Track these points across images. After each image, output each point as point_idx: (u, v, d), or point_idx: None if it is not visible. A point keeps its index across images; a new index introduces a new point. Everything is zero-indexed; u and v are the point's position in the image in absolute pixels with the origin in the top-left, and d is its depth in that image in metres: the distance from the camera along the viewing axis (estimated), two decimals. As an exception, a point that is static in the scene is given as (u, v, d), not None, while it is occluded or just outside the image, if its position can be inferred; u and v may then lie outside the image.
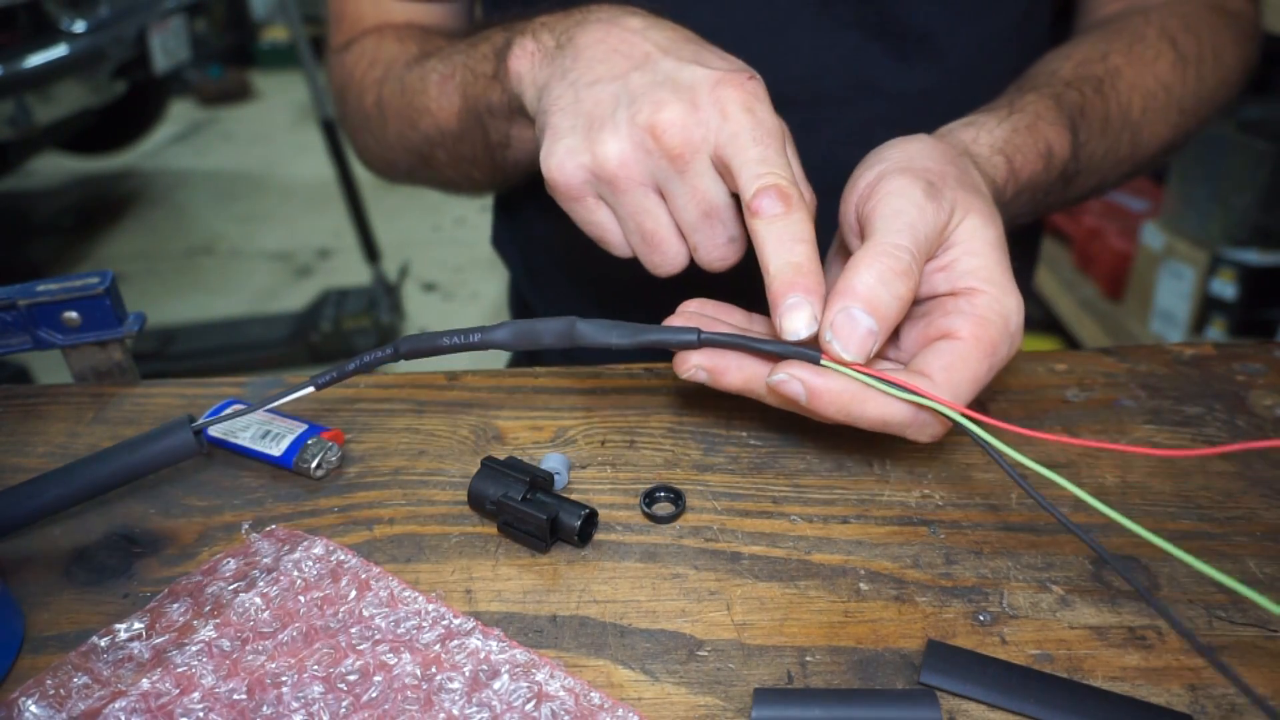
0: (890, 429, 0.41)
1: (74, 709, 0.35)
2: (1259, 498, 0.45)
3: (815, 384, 0.40)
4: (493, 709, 0.34)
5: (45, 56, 2.55)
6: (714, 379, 0.43)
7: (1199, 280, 1.86)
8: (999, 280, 0.42)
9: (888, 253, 0.40)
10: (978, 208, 0.43)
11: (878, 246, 0.40)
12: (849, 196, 0.45)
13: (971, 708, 0.35)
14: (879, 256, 0.40)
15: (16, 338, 0.55)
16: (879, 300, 0.39)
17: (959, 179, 0.44)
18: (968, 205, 0.43)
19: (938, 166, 0.44)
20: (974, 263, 0.42)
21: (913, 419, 0.41)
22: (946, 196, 0.42)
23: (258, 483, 0.48)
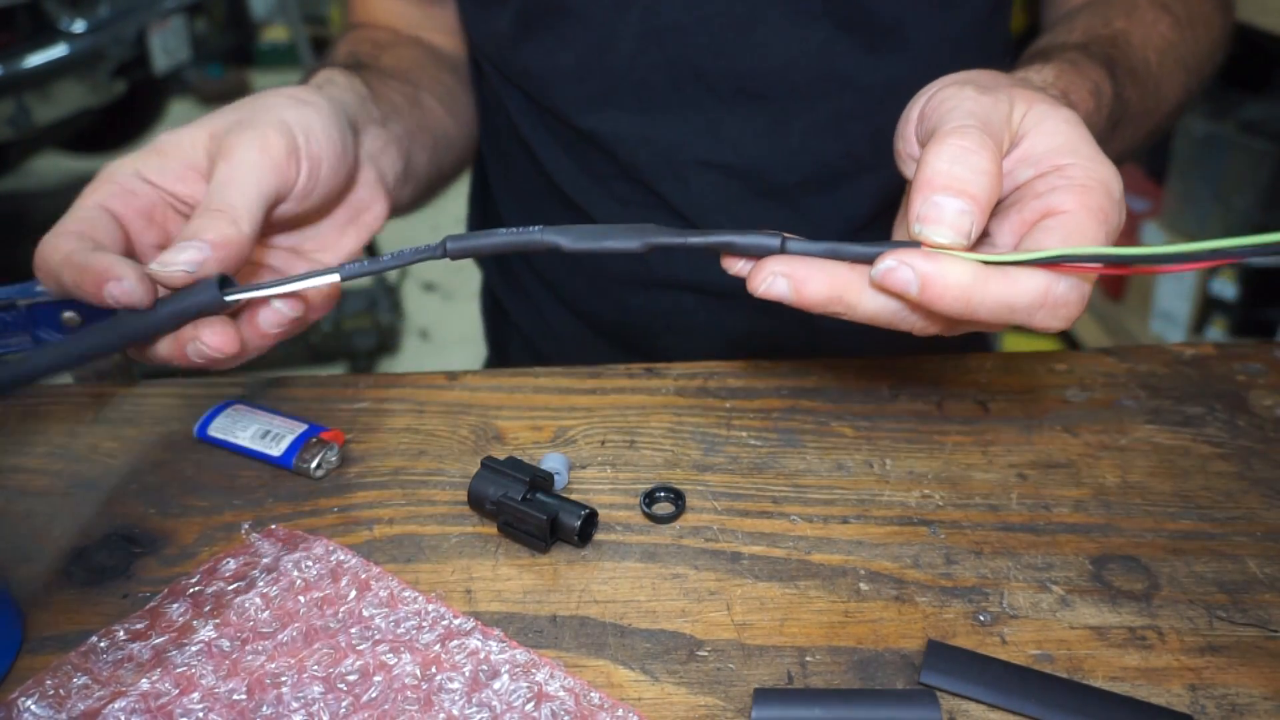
0: (1017, 316, 0.36)
1: (74, 709, 0.35)
2: (1259, 498, 0.45)
3: (928, 269, 0.35)
4: (493, 709, 0.34)
5: (45, 56, 2.55)
6: (795, 288, 0.38)
7: (1199, 280, 1.86)
8: (1085, 150, 0.38)
9: (953, 134, 0.37)
10: (1040, 98, 0.40)
11: (941, 135, 0.37)
12: (905, 132, 0.42)
13: (971, 708, 0.35)
14: (944, 142, 0.37)
15: (16, 338, 0.55)
16: (959, 178, 0.36)
17: (1013, 82, 0.42)
18: (1028, 97, 0.40)
19: (988, 78, 0.42)
20: (1054, 140, 0.39)
21: (1045, 297, 0.36)
22: (1003, 92, 0.39)
23: (258, 483, 0.48)
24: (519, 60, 0.65)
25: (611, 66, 0.62)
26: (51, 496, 0.47)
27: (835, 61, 0.62)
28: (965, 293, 0.36)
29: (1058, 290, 0.36)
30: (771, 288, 0.38)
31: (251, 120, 0.45)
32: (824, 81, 0.62)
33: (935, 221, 0.35)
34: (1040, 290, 0.36)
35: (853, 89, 0.63)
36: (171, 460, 0.49)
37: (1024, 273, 0.36)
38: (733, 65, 0.61)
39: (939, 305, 0.36)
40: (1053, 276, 0.36)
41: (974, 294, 0.36)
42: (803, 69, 0.61)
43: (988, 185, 0.36)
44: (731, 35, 0.61)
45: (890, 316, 0.39)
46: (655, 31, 0.61)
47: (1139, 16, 0.60)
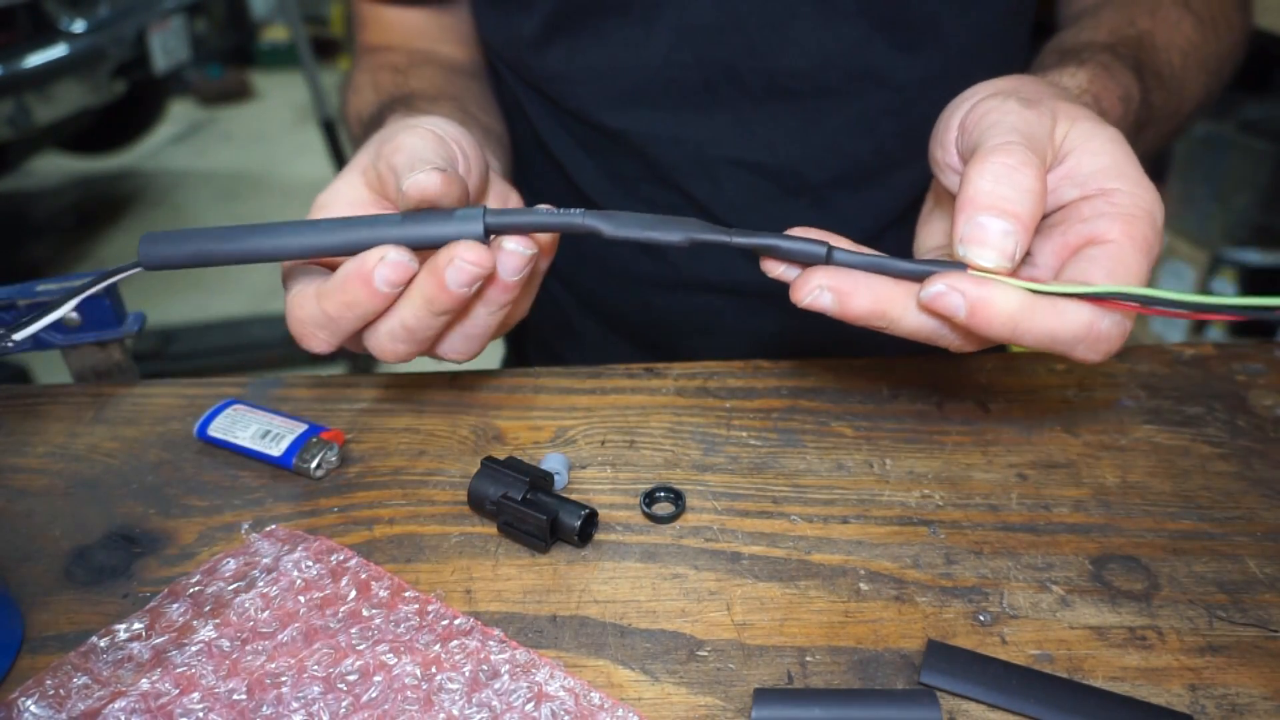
0: (1058, 346, 0.37)
1: (74, 709, 0.35)
2: (1259, 498, 0.45)
3: (976, 294, 0.35)
4: (493, 709, 0.34)
5: (45, 56, 2.55)
6: (839, 301, 0.38)
7: (1199, 280, 1.86)
8: (1131, 174, 0.38)
9: (997, 151, 0.37)
10: (1084, 114, 0.40)
11: (984, 153, 0.37)
12: (945, 138, 0.43)
13: (971, 708, 0.35)
14: (988, 160, 0.36)
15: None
16: (1004, 197, 0.36)
17: (1056, 95, 0.42)
18: (1072, 113, 0.40)
19: (1030, 88, 0.42)
20: (1100, 161, 0.39)
21: (1088, 331, 0.36)
22: (1046, 106, 0.39)
23: (258, 483, 0.48)
24: (543, 63, 0.65)
25: (644, 65, 0.62)
26: (51, 496, 0.47)
27: (868, 59, 0.62)
28: (1012, 320, 0.36)
29: (1102, 326, 0.36)
30: (817, 300, 0.39)
31: (391, 135, 0.45)
32: (857, 80, 0.62)
33: (979, 243, 0.36)
34: (1085, 324, 0.36)
35: (885, 86, 0.63)
36: (171, 460, 0.49)
37: (1071, 305, 0.36)
38: (766, 64, 0.61)
39: (986, 331, 0.36)
40: (1098, 312, 0.36)
41: (1021, 323, 0.36)
42: (836, 67, 0.61)
43: (1032, 205, 0.36)
44: (765, 34, 0.61)
45: (930, 333, 0.39)
46: (688, 30, 0.61)
47: (1163, 16, 0.60)
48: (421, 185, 0.40)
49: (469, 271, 0.40)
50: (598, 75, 0.64)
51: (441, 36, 0.74)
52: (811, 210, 0.65)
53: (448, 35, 0.74)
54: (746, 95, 0.63)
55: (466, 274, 0.40)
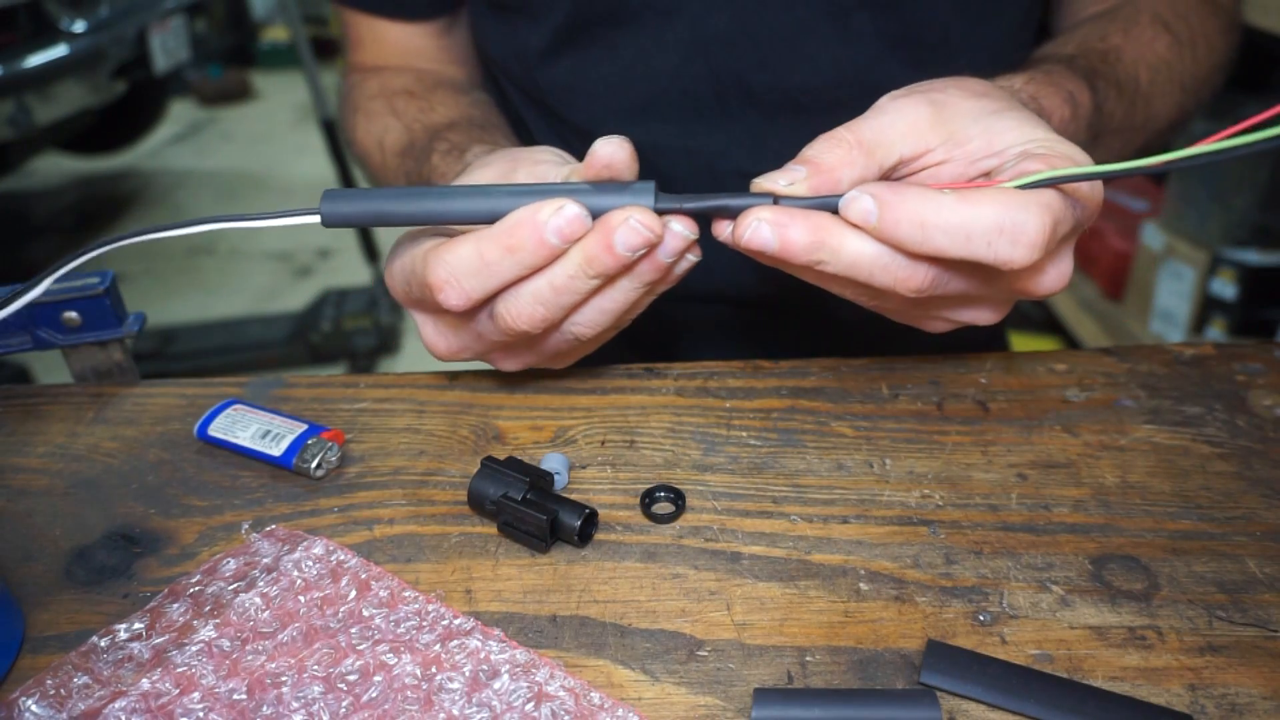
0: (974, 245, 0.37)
1: (74, 709, 0.35)
2: (1259, 498, 0.45)
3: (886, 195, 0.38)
4: (493, 709, 0.34)
5: (45, 56, 2.56)
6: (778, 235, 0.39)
7: (1199, 280, 1.86)
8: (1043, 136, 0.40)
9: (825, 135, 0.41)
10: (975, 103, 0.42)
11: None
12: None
13: (971, 708, 0.35)
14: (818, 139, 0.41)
15: (16, 338, 0.55)
16: (807, 153, 0.41)
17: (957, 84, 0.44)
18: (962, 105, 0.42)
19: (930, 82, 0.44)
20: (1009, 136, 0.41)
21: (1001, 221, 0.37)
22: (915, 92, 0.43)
23: (258, 483, 0.48)
24: (550, 76, 0.65)
25: (655, 77, 0.62)
26: (51, 496, 0.47)
27: (881, 77, 0.61)
28: (919, 216, 0.37)
29: (1017, 216, 0.37)
30: (756, 233, 0.39)
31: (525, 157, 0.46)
32: (868, 96, 0.62)
33: (767, 178, 0.40)
34: (997, 216, 0.37)
35: None
36: (171, 460, 0.49)
37: (981, 197, 0.37)
38: (778, 78, 0.61)
39: (894, 233, 0.37)
40: (1010, 203, 0.37)
41: (928, 217, 0.37)
42: (849, 83, 0.62)
43: (830, 156, 0.40)
44: (779, 49, 0.61)
45: (870, 265, 0.39)
46: (701, 42, 0.61)
47: (1136, 34, 0.60)
48: (612, 150, 0.41)
49: (641, 235, 0.39)
50: (607, 88, 0.64)
51: (441, 57, 0.74)
52: None
53: (448, 55, 0.74)
54: (758, 109, 0.62)
55: (638, 237, 0.39)
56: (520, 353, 0.48)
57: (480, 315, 0.44)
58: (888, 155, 0.41)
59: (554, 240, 0.40)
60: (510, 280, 0.41)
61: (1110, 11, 0.64)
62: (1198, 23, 0.63)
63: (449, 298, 0.41)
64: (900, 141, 0.41)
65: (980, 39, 0.63)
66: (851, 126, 0.41)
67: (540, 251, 0.40)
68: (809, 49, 0.60)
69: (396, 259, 0.46)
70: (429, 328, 0.48)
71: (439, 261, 0.41)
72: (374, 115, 0.67)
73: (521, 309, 0.42)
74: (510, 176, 0.45)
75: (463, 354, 0.48)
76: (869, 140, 0.41)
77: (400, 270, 0.45)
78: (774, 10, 0.60)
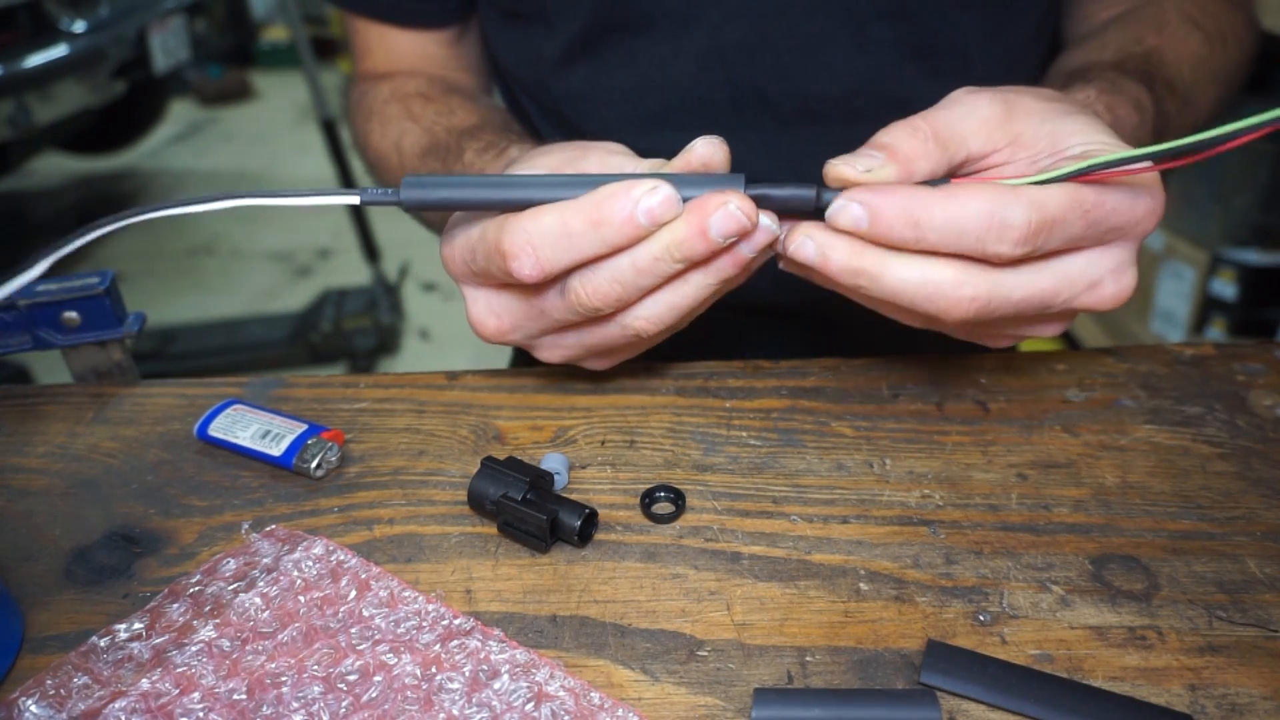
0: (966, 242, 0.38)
1: (74, 709, 0.35)
2: (1259, 498, 0.45)
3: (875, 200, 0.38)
4: (493, 709, 0.34)
5: (45, 56, 2.56)
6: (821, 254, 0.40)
7: (1199, 280, 1.86)
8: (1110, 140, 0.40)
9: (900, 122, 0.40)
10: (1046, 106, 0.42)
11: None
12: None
13: (971, 708, 0.35)
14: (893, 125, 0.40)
15: (16, 338, 0.55)
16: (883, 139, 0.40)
17: (1029, 91, 0.43)
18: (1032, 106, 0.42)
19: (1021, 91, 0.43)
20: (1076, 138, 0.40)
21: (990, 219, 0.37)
22: (992, 91, 0.42)
23: (258, 483, 0.48)
24: (565, 84, 0.64)
25: (672, 85, 0.62)
26: (51, 496, 0.47)
27: (899, 86, 0.62)
28: (908, 212, 0.37)
29: (1004, 214, 0.37)
30: (800, 249, 0.40)
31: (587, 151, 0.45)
32: (885, 106, 0.62)
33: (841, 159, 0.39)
34: (985, 212, 0.37)
35: (913, 112, 0.63)
36: (171, 460, 0.49)
37: (970, 193, 0.37)
38: (796, 87, 0.61)
39: (890, 236, 0.38)
40: (998, 201, 0.37)
41: (918, 213, 0.37)
42: (866, 93, 0.61)
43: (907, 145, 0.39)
44: (797, 57, 0.60)
45: (913, 294, 0.39)
46: (719, 51, 0.60)
47: (1170, 33, 0.60)
48: (711, 150, 0.41)
49: (737, 220, 0.39)
50: (623, 96, 0.63)
51: (452, 65, 0.73)
52: None
53: (459, 64, 0.73)
54: (775, 118, 0.62)
55: (734, 223, 0.39)
56: (569, 343, 0.47)
57: (549, 292, 0.43)
58: (959, 151, 0.40)
59: (643, 219, 0.39)
60: (589, 256, 0.40)
61: (1131, 14, 0.63)
62: (1224, 18, 0.63)
63: (522, 266, 0.40)
64: (972, 137, 0.41)
65: (997, 47, 0.62)
66: (928, 116, 0.41)
67: (626, 229, 0.39)
68: (827, 58, 0.60)
69: (460, 231, 0.45)
70: (481, 304, 0.46)
71: (518, 228, 0.40)
72: (389, 119, 0.67)
73: (599, 285, 0.41)
74: (576, 164, 0.44)
75: (512, 335, 0.47)
76: (944, 133, 0.40)
77: (465, 241, 0.44)
78: (793, 19, 0.59)
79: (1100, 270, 0.40)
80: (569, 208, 0.40)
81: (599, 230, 0.39)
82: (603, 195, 0.39)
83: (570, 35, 0.62)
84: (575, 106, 0.65)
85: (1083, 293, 0.40)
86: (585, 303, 0.41)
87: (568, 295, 0.42)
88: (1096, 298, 0.40)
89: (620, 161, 0.44)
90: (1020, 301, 0.39)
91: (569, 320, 0.44)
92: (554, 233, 0.40)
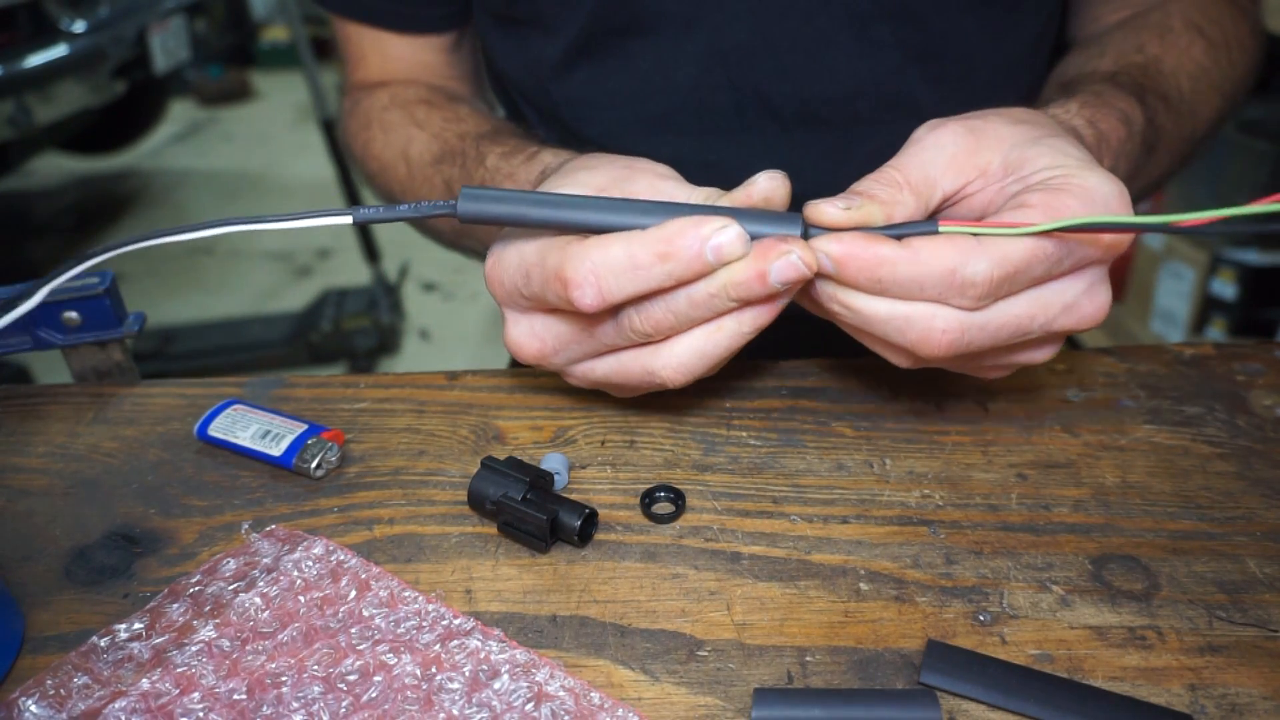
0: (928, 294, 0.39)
1: (74, 709, 0.35)
2: (1259, 498, 0.45)
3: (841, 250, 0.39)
4: (493, 709, 0.34)
5: (45, 56, 2.56)
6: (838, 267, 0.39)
7: (1199, 280, 1.86)
8: (1074, 166, 0.40)
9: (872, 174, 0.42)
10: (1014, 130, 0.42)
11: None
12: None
13: (971, 708, 0.35)
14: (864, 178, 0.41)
15: (16, 338, 0.55)
16: (859, 186, 0.41)
17: (999, 113, 0.43)
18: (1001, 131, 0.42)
19: (971, 113, 0.44)
20: (1040, 163, 0.40)
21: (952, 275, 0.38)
22: (953, 122, 0.42)
23: (258, 483, 0.48)
24: (565, 89, 0.64)
25: (673, 89, 0.62)
26: (51, 496, 0.47)
27: (901, 89, 0.61)
28: (873, 273, 0.38)
29: (966, 271, 0.38)
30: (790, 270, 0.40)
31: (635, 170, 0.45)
32: (888, 109, 0.62)
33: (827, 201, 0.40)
34: (946, 269, 0.38)
35: (915, 116, 0.62)
36: (171, 460, 0.49)
37: (932, 251, 0.38)
38: (798, 90, 0.61)
39: (857, 278, 0.39)
40: (962, 255, 0.38)
41: (883, 275, 0.38)
42: (868, 96, 0.61)
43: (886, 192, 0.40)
44: (799, 60, 0.60)
45: (883, 325, 0.40)
46: (720, 53, 0.60)
47: (1171, 41, 0.59)
48: (775, 185, 0.41)
49: (798, 270, 0.39)
50: (624, 100, 0.63)
51: (448, 72, 0.72)
52: None
53: (455, 71, 0.73)
54: (776, 121, 0.62)
55: (794, 272, 0.39)
56: (601, 372, 0.46)
57: (603, 320, 0.43)
58: (933, 194, 0.41)
59: (710, 257, 0.39)
60: (653, 289, 0.40)
61: (1137, 18, 0.63)
62: (1229, 25, 0.63)
63: (584, 296, 0.40)
64: (942, 178, 0.41)
65: (1000, 50, 0.62)
66: (899, 165, 0.41)
67: (694, 265, 0.39)
68: (829, 60, 0.60)
69: (512, 252, 0.44)
70: (524, 326, 0.45)
71: (582, 257, 0.40)
72: (392, 127, 0.66)
73: (652, 313, 0.41)
74: (623, 185, 0.43)
75: (553, 359, 0.46)
76: (916, 179, 0.41)
77: (519, 262, 0.43)
78: (794, 21, 0.59)
79: (1073, 293, 0.40)
80: (636, 239, 0.39)
81: (665, 265, 0.39)
82: (673, 230, 0.39)
83: (569, 39, 0.62)
84: (575, 111, 0.65)
85: (1059, 315, 0.40)
86: (639, 329, 0.41)
87: (621, 322, 0.42)
88: (1075, 318, 0.41)
89: (673, 188, 0.43)
90: (996, 330, 0.40)
91: (616, 345, 0.44)
92: (620, 265, 0.39)
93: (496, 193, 0.41)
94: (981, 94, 0.63)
